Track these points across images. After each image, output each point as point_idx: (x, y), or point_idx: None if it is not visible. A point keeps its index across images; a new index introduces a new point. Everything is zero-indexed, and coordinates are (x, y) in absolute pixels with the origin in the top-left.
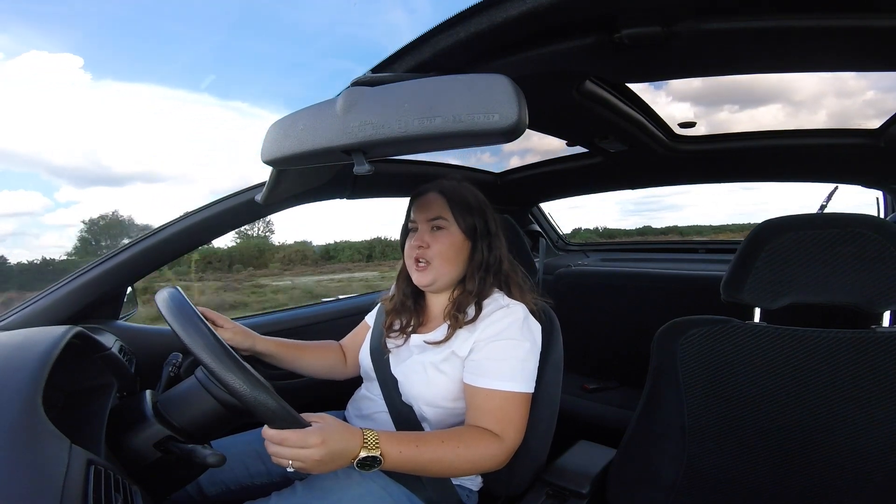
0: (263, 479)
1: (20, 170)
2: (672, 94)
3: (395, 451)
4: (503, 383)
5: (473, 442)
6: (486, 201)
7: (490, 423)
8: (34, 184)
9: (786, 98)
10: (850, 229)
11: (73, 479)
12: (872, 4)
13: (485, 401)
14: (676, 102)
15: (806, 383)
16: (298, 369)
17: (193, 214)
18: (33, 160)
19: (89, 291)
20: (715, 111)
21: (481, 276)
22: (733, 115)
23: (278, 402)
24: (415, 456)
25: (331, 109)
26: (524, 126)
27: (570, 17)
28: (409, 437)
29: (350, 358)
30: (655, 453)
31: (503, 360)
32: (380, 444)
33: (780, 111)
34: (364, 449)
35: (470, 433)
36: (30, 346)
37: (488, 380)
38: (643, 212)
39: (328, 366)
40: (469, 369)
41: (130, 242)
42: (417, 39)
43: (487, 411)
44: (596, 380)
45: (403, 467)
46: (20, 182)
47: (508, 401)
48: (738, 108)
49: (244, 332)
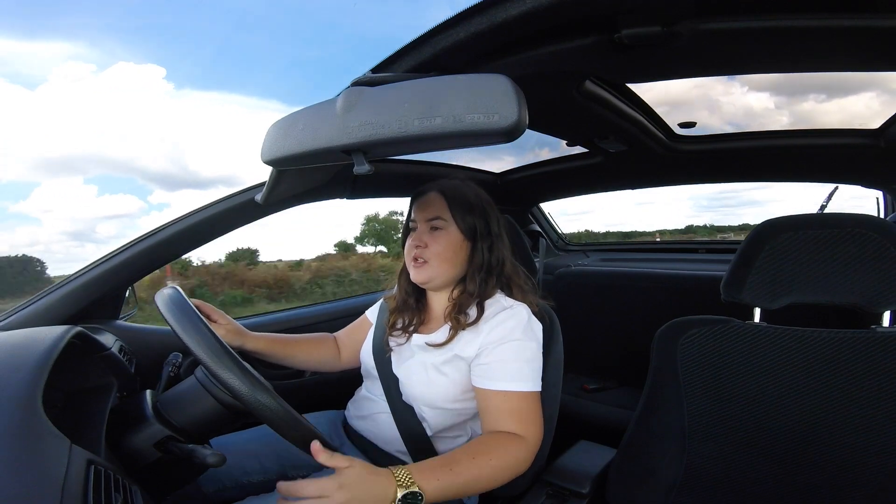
0: (259, 476)
1: (118, 175)
2: (748, 83)
3: (433, 482)
4: (518, 384)
5: (501, 449)
6: (490, 201)
7: (511, 425)
8: (131, 188)
9: (881, 85)
10: (850, 229)
11: (73, 479)
12: (872, 4)
13: (502, 403)
14: (753, 92)
15: (806, 383)
16: (290, 364)
17: (193, 214)
18: (129, 166)
19: (89, 291)
20: (798, 101)
21: (482, 278)
22: (819, 104)
23: (280, 404)
24: (452, 481)
25: (331, 109)
26: (524, 126)
27: (570, 17)
28: (440, 463)
29: (345, 352)
30: (655, 453)
31: (514, 361)
32: (413, 478)
33: (874, 100)
34: (400, 487)
35: (495, 441)
36: (30, 346)
37: (504, 382)
38: (718, 208)
39: (321, 359)
40: (480, 373)
41: (130, 242)
42: (417, 39)
43: (507, 413)
44: (596, 380)
45: (445, 496)
46: (119, 186)
47: (525, 400)
48: (825, 98)
49: (235, 331)
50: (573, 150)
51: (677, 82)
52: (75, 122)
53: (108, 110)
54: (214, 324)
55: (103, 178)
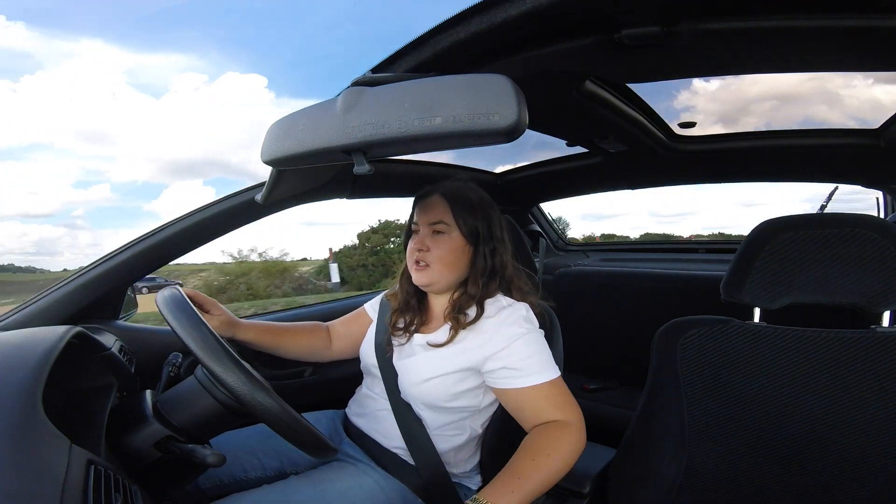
0: (257, 472)
1: (233, 178)
2: (871, 75)
3: (507, 495)
4: (543, 375)
5: (556, 442)
6: (492, 203)
7: (552, 413)
8: None
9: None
10: (850, 229)
11: (73, 479)
12: (872, 4)
13: (534, 398)
14: (880, 84)
15: (806, 383)
16: (281, 353)
17: (193, 214)
18: (241, 169)
19: (89, 291)
20: None
21: (484, 282)
22: None
23: (279, 404)
24: (524, 488)
25: (331, 109)
26: (524, 126)
27: (570, 17)
28: (507, 476)
29: (337, 341)
30: (655, 453)
31: (530, 355)
32: (488, 500)
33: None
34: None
35: (546, 435)
36: (30, 346)
37: (532, 377)
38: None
39: (311, 349)
40: (504, 376)
41: (130, 242)
42: (417, 39)
43: (544, 404)
44: (596, 380)
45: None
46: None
47: (555, 386)
48: None
49: (228, 322)
50: (573, 150)
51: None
52: (194, 128)
53: (221, 117)
54: (208, 314)
55: (219, 180)
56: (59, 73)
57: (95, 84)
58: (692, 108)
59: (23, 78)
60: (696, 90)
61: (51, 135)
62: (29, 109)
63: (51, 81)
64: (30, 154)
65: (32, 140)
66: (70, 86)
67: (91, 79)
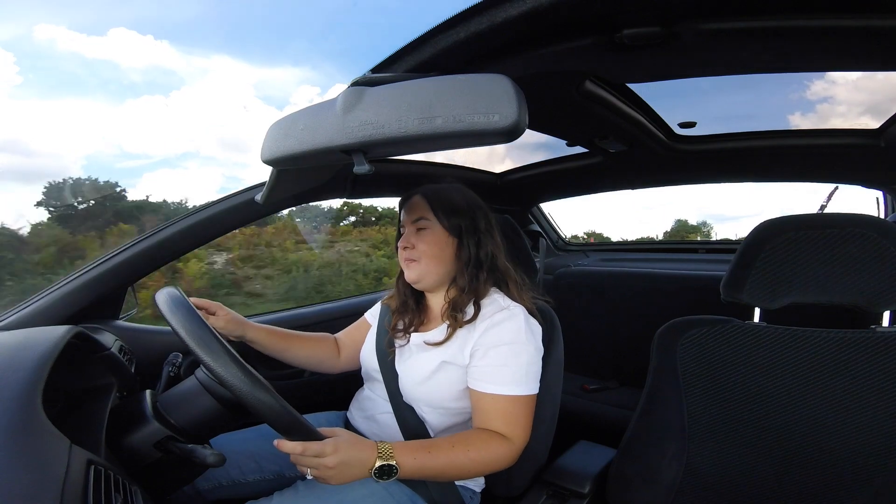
0: (255, 475)
1: None
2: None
3: (410, 459)
4: (508, 388)
5: (483, 445)
6: (477, 200)
7: (497, 425)
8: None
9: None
10: (850, 229)
11: (73, 479)
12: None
13: (490, 405)
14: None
15: (806, 383)
16: (288, 359)
17: (193, 214)
18: None
19: (89, 291)
20: None
21: (472, 273)
22: None
23: (282, 404)
24: (428, 461)
25: (331, 109)
26: (524, 126)
27: (571, 17)
28: (421, 444)
29: (344, 352)
30: (655, 453)
31: (505, 365)
32: (394, 453)
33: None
34: (379, 458)
35: (479, 436)
36: (30, 346)
37: (494, 385)
38: None
39: (320, 358)
40: (473, 375)
41: (130, 242)
42: (417, 39)
43: (494, 415)
44: (596, 380)
45: (419, 474)
46: None
47: (514, 403)
48: None
49: (236, 321)
50: (573, 150)
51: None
52: None
53: None
54: (213, 316)
55: None
56: (200, 87)
57: (229, 96)
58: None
59: (172, 93)
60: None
61: (197, 143)
62: (179, 121)
63: (194, 95)
64: (182, 162)
65: (184, 149)
66: (209, 98)
67: (225, 92)
